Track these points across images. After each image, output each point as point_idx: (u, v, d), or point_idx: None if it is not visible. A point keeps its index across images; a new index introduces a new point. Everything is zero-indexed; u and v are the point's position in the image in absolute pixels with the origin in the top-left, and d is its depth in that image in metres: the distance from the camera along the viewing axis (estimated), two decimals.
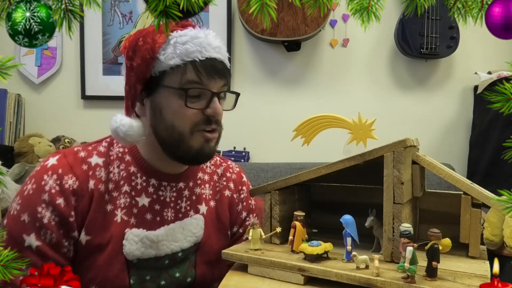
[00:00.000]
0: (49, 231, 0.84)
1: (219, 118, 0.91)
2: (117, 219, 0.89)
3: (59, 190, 0.85)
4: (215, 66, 0.88)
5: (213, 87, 0.89)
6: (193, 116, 0.88)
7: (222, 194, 1.05)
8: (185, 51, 0.85)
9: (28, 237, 0.83)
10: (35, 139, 2.02)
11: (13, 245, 0.81)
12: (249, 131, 2.22)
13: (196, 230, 0.96)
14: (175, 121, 0.88)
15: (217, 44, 0.90)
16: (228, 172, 1.09)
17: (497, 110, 0.53)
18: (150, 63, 0.86)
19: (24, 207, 0.85)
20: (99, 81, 2.20)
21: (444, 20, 2.07)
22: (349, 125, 0.82)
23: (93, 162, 0.90)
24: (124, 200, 0.90)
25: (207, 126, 0.89)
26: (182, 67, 0.86)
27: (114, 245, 0.88)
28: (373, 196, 0.80)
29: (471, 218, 0.75)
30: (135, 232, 0.89)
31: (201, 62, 0.86)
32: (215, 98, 0.88)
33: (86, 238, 0.87)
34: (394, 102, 2.27)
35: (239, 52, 2.23)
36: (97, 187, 0.88)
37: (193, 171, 1.02)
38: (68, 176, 0.86)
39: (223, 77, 0.90)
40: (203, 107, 0.88)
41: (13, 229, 0.84)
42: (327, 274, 0.67)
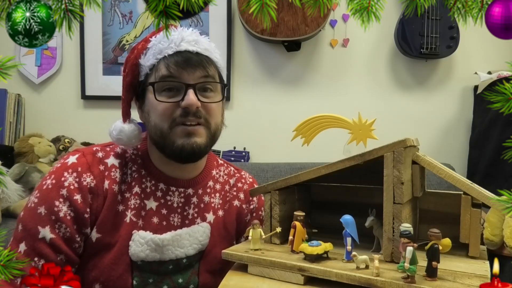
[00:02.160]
0: (64, 225, 0.86)
1: (195, 110, 0.88)
2: (126, 219, 0.90)
3: (77, 187, 0.88)
4: (187, 58, 0.88)
5: (188, 79, 0.88)
6: (169, 111, 0.88)
7: (231, 204, 1.05)
8: (158, 50, 0.89)
9: (43, 229, 0.85)
10: (35, 139, 2.02)
11: (27, 237, 0.85)
12: (249, 131, 2.22)
13: (202, 238, 0.96)
14: (156, 119, 0.90)
15: (192, 38, 0.90)
16: (239, 183, 1.08)
17: (497, 110, 0.53)
18: (135, 69, 0.93)
19: (41, 200, 0.87)
20: (99, 81, 2.20)
21: (444, 20, 2.07)
22: (349, 125, 0.82)
23: (110, 163, 0.93)
24: (134, 202, 0.92)
25: (185, 119, 0.88)
26: (156, 65, 0.90)
27: (121, 245, 0.89)
28: (373, 196, 0.80)
29: (471, 218, 0.75)
30: (141, 234, 0.90)
31: (171, 56, 0.88)
32: (189, 90, 0.87)
33: (96, 236, 0.89)
34: (394, 102, 2.27)
35: (239, 52, 2.23)
36: (111, 187, 0.90)
37: (203, 179, 1.01)
38: (86, 175, 0.89)
39: (198, 68, 0.89)
40: (177, 100, 0.88)
41: (28, 220, 0.86)
42: (327, 274, 0.67)
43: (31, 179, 1.81)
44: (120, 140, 0.93)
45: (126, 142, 0.93)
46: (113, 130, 0.93)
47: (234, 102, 2.23)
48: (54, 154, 2.04)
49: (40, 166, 1.96)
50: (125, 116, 0.95)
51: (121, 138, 0.92)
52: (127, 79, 0.93)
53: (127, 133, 0.92)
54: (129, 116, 0.95)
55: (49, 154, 2.03)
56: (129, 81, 0.93)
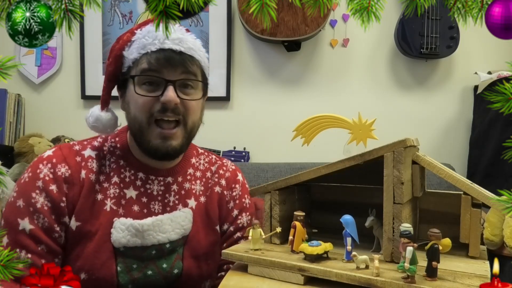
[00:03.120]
0: (41, 215, 0.89)
1: (173, 106, 0.89)
2: (106, 208, 0.93)
3: (52, 177, 0.90)
4: (168, 56, 0.89)
5: (169, 75, 0.90)
6: (148, 105, 0.90)
7: (212, 190, 1.06)
8: (141, 45, 0.91)
9: (22, 221, 0.88)
10: (35, 139, 2.02)
11: (9, 230, 0.88)
12: (249, 131, 2.22)
13: (184, 223, 0.97)
14: (135, 111, 0.92)
15: (177, 36, 0.91)
16: (221, 170, 1.10)
17: (497, 110, 0.53)
18: (118, 60, 0.94)
19: (19, 193, 0.90)
20: (99, 81, 2.20)
21: (444, 20, 2.07)
22: (349, 125, 0.82)
23: (86, 154, 0.96)
24: (113, 191, 0.94)
25: (163, 115, 0.90)
26: (138, 59, 0.91)
27: (102, 233, 0.91)
28: (373, 196, 0.80)
29: (471, 218, 0.75)
30: (122, 221, 0.92)
31: (154, 52, 0.90)
32: (169, 86, 0.89)
33: (76, 224, 0.91)
34: (394, 102, 2.27)
35: (239, 52, 2.23)
36: (88, 176, 0.93)
37: (183, 167, 1.03)
38: (61, 165, 0.92)
39: (179, 66, 0.90)
40: (157, 95, 0.90)
41: (9, 214, 0.90)
42: (327, 274, 0.67)
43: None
44: (96, 128, 0.96)
45: (102, 130, 0.97)
46: (90, 116, 0.96)
47: (234, 102, 2.23)
48: None
49: None
50: (104, 104, 0.97)
51: (97, 126, 0.96)
52: (109, 69, 0.95)
53: (103, 121, 0.96)
54: (108, 104, 0.98)
55: None
56: (111, 71, 0.95)
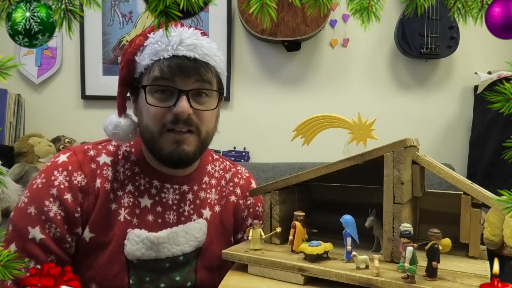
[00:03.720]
0: (54, 225, 0.85)
1: (186, 117, 0.86)
2: (120, 218, 0.90)
3: (68, 186, 0.87)
4: (181, 64, 0.85)
5: (182, 85, 0.86)
6: (160, 115, 0.86)
7: (227, 199, 1.04)
8: (154, 51, 0.86)
9: (33, 229, 0.84)
10: (35, 139, 2.02)
11: (17, 237, 0.84)
12: (249, 131, 2.22)
13: (198, 235, 0.95)
14: (147, 121, 0.88)
15: (191, 42, 0.86)
16: (236, 178, 1.07)
17: (497, 110, 0.53)
18: (130, 65, 0.90)
19: (31, 200, 0.86)
20: (99, 81, 2.20)
21: (444, 20, 2.07)
22: (349, 125, 0.82)
23: (101, 161, 0.92)
24: (127, 200, 0.91)
25: (175, 126, 0.86)
26: (150, 66, 0.87)
27: (116, 244, 0.88)
28: (373, 196, 0.80)
29: (471, 218, 0.75)
30: (136, 233, 0.89)
31: (166, 60, 0.85)
32: (182, 96, 0.85)
33: (90, 235, 0.88)
34: (394, 102, 2.27)
35: (239, 52, 2.23)
36: (103, 186, 0.89)
37: (198, 175, 1.00)
38: (77, 173, 0.88)
39: (192, 75, 0.86)
40: (168, 105, 0.86)
41: (18, 221, 0.85)
42: (327, 274, 0.67)
43: (31, 179, 1.81)
44: (117, 135, 0.90)
45: (123, 137, 0.90)
46: (109, 124, 0.90)
47: (234, 102, 2.23)
48: (54, 154, 2.04)
49: (40, 166, 1.96)
50: (121, 110, 0.92)
51: (118, 133, 0.90)
52: (122, 73, 0.91)
53: (123, 128, 0.90)
54: (125, 110, 0.93)
55: (49, 154, 2.02)
56: (123, 76, 0.91)
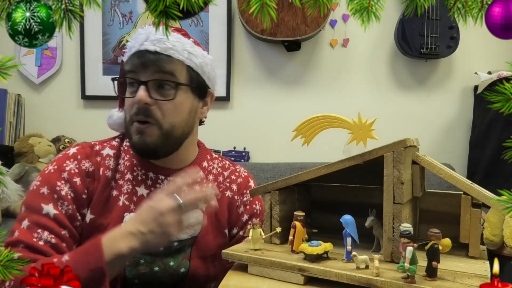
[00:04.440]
0: (66, 202, 0.91)
1: (144, 107, 0.91)
2: (119, 203, 0.95)
3: (77, 171, 0.95)
4: (143, 57, 0.92)
5: (142, 76, 0.93)
6: (129, 107, 0.95)
7: (223, 194, 1.07)
8: (129, 48, 0.97)
9: (47, 205, 0.90)
10: (35, 139, 2.02)
11: (30, 214, 0.89)
12: (249, 131, 2.22)
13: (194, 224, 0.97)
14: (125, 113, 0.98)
15: (155, 37, 0.92)
16: (233, 175, 1.11)
17: (497, 110, 0.53)
18: (122, 63, 1.00)
19: (43, 182, 0.92)
20: (99, 81, 2.20)
21: (444, 20, 2.07)
22: (349, 125, 0.82)
23: (105, 153, 1.00)
24: (126, 187, 0.97)
25: (136, 117, 0.93)
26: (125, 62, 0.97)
27: (113, 226, 0.92)
28: (373, 196, 0.80)
29: (471, 218, 0.75)
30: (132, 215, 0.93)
31: (133, 54, 0.94)
32: (141, 86, 0.92)
33: (90, 217, 0.93)
34: (394, 102, 2.27)
35: (239, 52, 2.23)
36: (104, 173, 0.97)
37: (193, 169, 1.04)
38: (85, 161, 0.96)
39: (150, 66, 0.92)
40: (133, 96, 0.93)
41: (31, 201, 0.91)
42: (327, 274, 0.67)
43: (31, 179, 1.81)
44: (110, 125, 1.04)
45: (114, 128, 1.04)
46: (109, 117, 1.05)
47: (234, 102, 2.23)
48: (54, 154, 2.04)
49: (40, 166, 1.96)
50: (119, 103, 1.04)
51: (111, 124, 1.04)
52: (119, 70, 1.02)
53: (113, 119, 1.03)
54: (123, 104, 1.02)
55: (49, 154, 2.03)
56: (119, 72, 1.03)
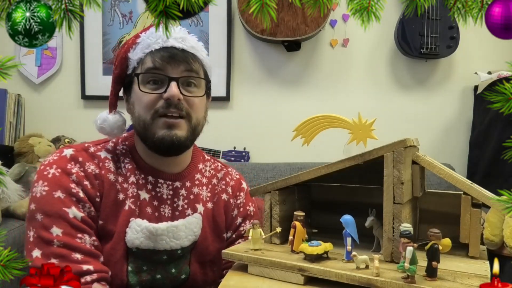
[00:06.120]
0: (87, 204, 0.88)
1: (177, 102, 0.90)
2: (125, 207, 0.93)
3: (84, 175, 0.90)
4: (172, 53, 0.91)
5: (172, 73, 0.91)
6: (152, 102, 0.91)
7: (219, 197, 1.06)
8: (145, 44, 0.93)
9: (70, 209, 0.85)
10: (35, 139, 2.02)
11: (57, 219, 0.84)
12: (249, 131, 2.22)
13: (196, 229, 0.98)
14: (139, 110, 0.93)
15: (180, 35, 0.93)
16: (227, 177, 1.10)
17: (497, 110, 0.53)
18: (124, 63, 0.96)
19: (54, 186, 0.86)
20: (99, 81, 2.20)
21: (444, 20, 2.07)
22: (349, 125, 0.82)
23: (102, 156, 0.95)
24: (132, 190, 0.94)
25: (166, 110, 0.90)
26: (143, 59, 0.93)
27: (119, 231, 0.91)
28: (373, 196, 0.80)
29: (471, 218, 0.75)
30: (137, 222, 0.92)
31: (157, 51, 0.91)
32: (172, 82, 0.90)
33: (100, 222, 0.91)
34: (394, 102, 2.27)
35: (239, 52, 2.23)
36: (106, 176, 0.93)
37: (190, 172, 1.03)
38: (89, 163, 0.92)
39: (182, 63, 0.92)
40: (160, 92, 0.91)
41: (48, 206, 0.85)
42: (327, 274, 0.67)
43: (31, 179, 1.81)
44: (103, 130, 0.98)
45: (109, 132, 0.98)
46: (98, 119, 0.98)
47: (234, 102, 2.23)
48: None
49: None
50: (111, 107, 0.99)
51: (104, 128, 0.98)
52: (116, 72, 0.97)
53: (110, 123, 0.98)
54: (115, 107, 1.00)
55: (49, 154, 2.02)
56: (117, 74, 0.97)
